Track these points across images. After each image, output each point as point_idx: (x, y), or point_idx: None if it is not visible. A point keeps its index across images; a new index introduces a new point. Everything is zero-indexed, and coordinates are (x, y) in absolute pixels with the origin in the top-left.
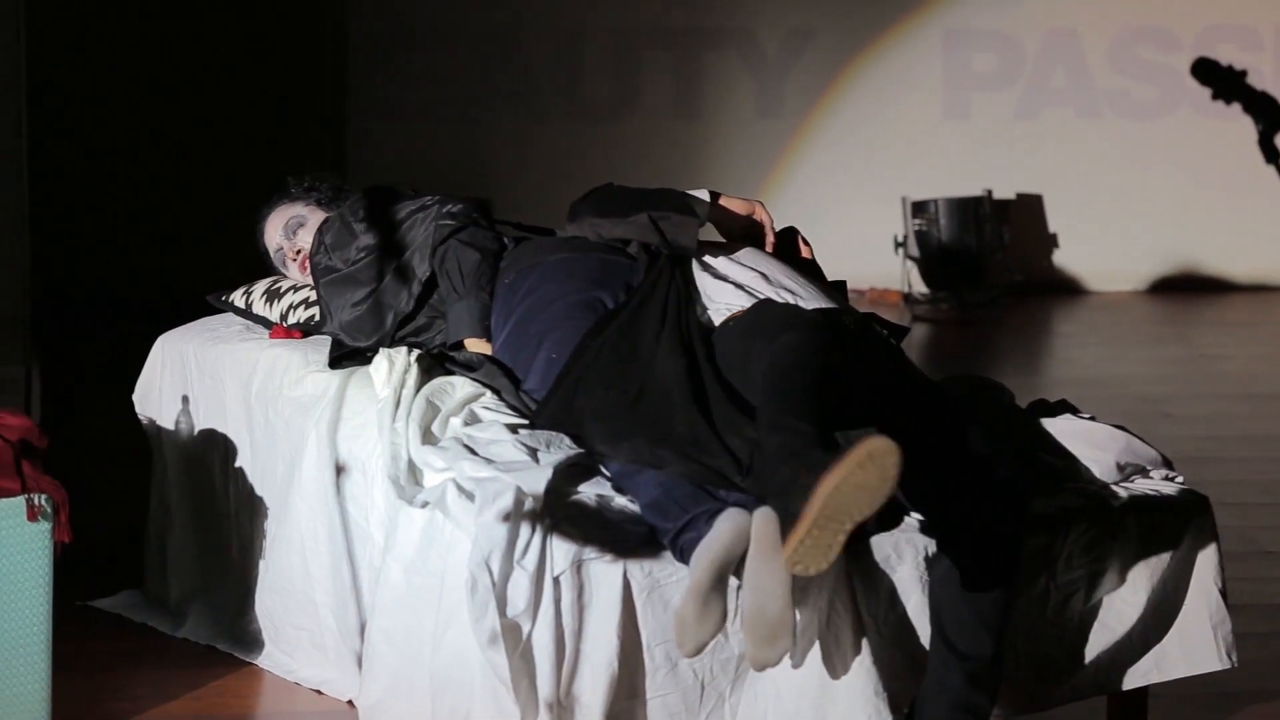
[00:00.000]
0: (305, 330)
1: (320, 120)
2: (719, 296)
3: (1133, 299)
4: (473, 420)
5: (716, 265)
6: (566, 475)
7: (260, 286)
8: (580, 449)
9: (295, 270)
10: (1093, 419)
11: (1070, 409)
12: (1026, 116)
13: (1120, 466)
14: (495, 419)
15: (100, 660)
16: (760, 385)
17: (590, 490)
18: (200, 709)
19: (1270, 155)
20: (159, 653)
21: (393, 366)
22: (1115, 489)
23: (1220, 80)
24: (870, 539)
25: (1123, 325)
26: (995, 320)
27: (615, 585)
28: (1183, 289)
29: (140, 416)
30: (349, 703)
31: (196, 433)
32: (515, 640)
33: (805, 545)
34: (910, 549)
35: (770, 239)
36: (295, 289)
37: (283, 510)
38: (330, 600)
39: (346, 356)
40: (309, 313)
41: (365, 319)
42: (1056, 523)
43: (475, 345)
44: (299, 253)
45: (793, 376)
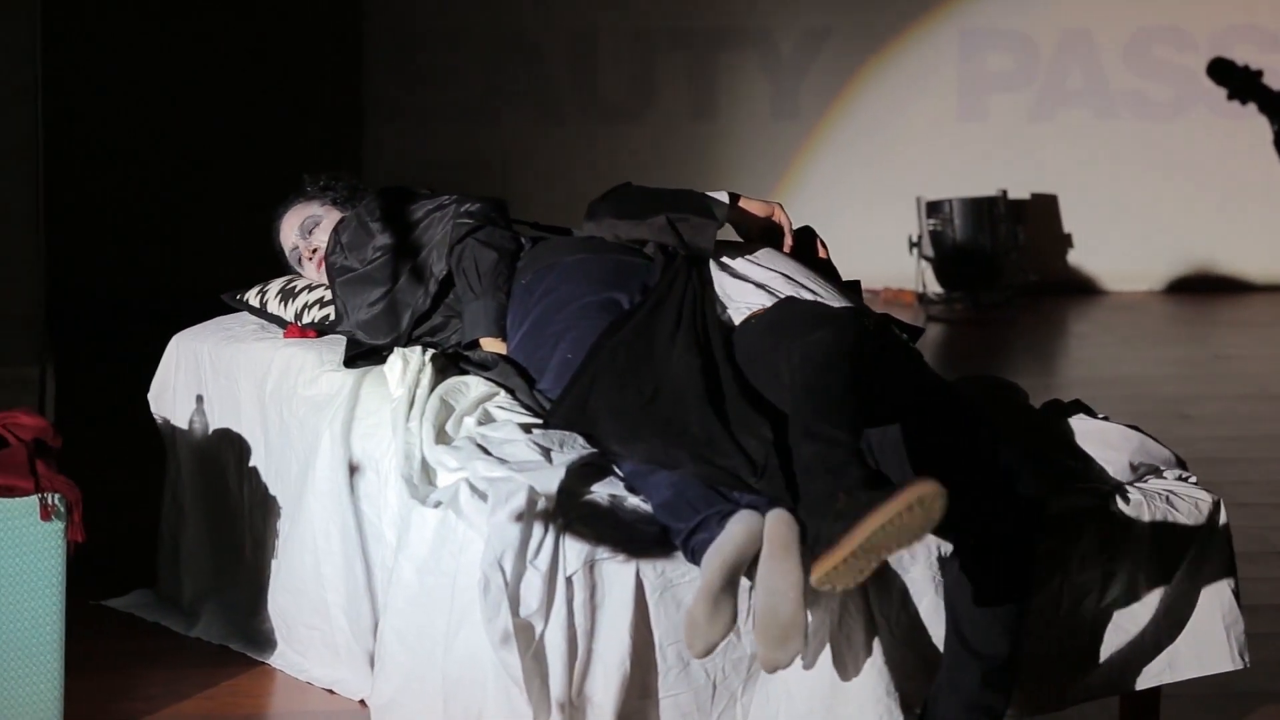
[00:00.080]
0: (320, 330)
1: (335, 121)
2: (739, 296)
3: (1148, 299)
4: (486, 420)
5: (736, 265)
6: (580, 475)
7: (275, 286)
8: (594, 449)
9: (311, 269)
10: (1107, 419)
11: (1084, 409)
12: (1042, 117)
13: (1134, 467)
14: (509, 418)
15: (113, 660)
16: (792, 383)
17: (603, 490)
18: (213, 709)
19: None
20: (172, 652)
21: (407, 366)
22: (1129, 489)
23: (1236, 80)
24: None
25: (1138, 325)
26: (1010, 320)
27: (628, 585)
28: (1198, 289)
29: (154, 416)
30: (361, 702)
31: (210, 432)
32: (528, 640)
33: (838, 571)
34: (923, 549)
35: (789, 241)
36: (310, 288)
37: (296, 509)
38: (343, 600)
39: (362, 356)
40: (324, 312)
41: (381, 318)
42: (1070, 523)
43: (491, 345)
44: (314, 252)
45: (826, 377)
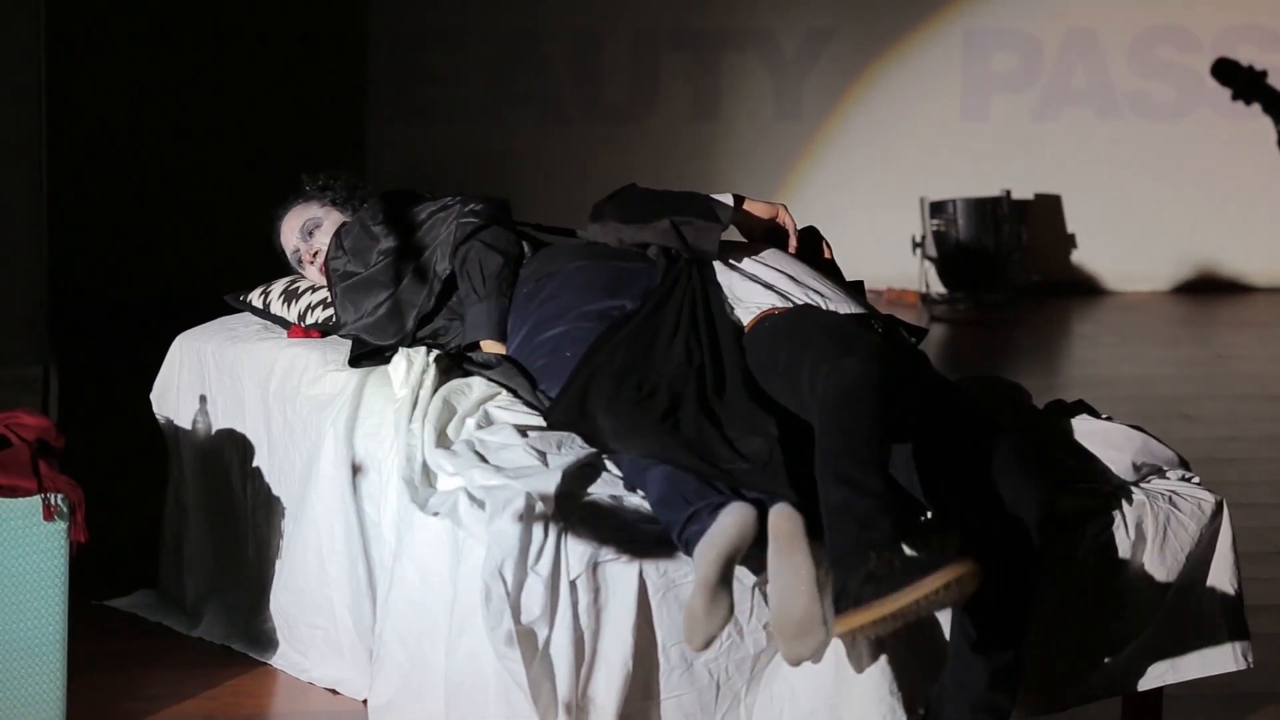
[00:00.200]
0: (323, 330)
1: (338, 121)
2: (748, 296)
3: (1151, 299)
4: (485, 422)
5: (743, 266)
6: (577, 477)
7: (278, 287)
8: (591, 449)
9: (313, 272)
10: (1110, 419)
11: (1087, 409)
12: (1045, 117)
13: (1137, 467)
14: (507, 420)
15: (115, 660)
16: (821, 415)
17: (603, 491)
18: (215, 709)
19: None
20: (174, 652)
21: (411, 366)
22: (1132, 489)
23: (1240, 81)
24: None
25: (1140, 326)
26: (1013, 321)
27: (631, 586)
28: (1201, 290)
29: (158, 416)
30: (364, 702)
31: (214, 432)
32: (532, 647)
33: (863, 629)
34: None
35: (794, 242)
36: (313, 289)
37: (300, 509)
38: (347, 599)
39: (366, 355)
40: (327, 313)
41: (386, 321)
42: (1073, 523)
43: (491, 348)
44: (316, 255)
45: (855, 412)
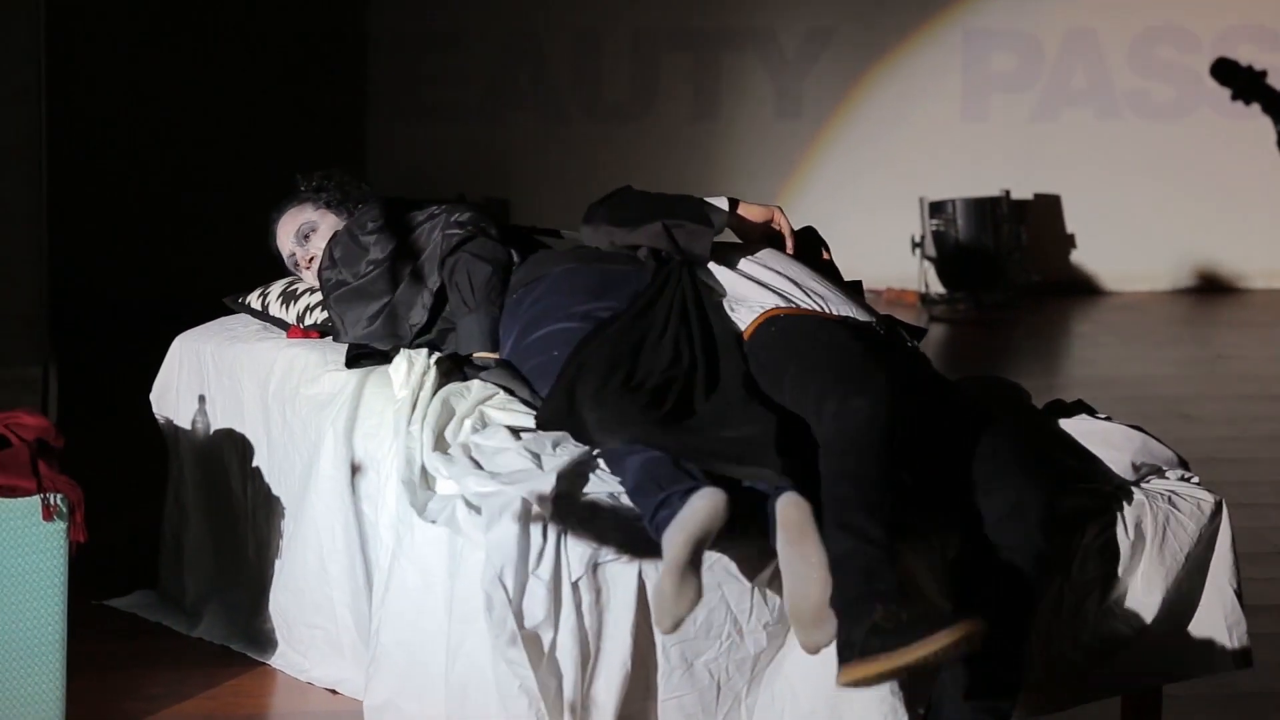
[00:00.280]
0: (322, 330)
1: (337, 121)
2: (749, 296)
3: (1150, 299)
4: (480, 424)
5: (741, 267)
6: (572, 478)
7: (276, 289)
8: (585, 448)
9: (310, 275)
10: (1109, 419)
11: (1087, 409)
12: (1045, 117)
13: (1136, 467)
14: (502, 421)
15: (115, 660)
16: (825, 455)
17: (600, 490)
18: (215, 709)
19: None
20: (174, 653)
21: (411, 368)
22: (1131, 490)
23: (1240, 81)
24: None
25: (1140, 326)
26: (1012, 321)
27: (631, 586)
28: (1200, 290)
29: (157, 416)
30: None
31: (213, 432)
32: (538, 651)
33: (868, 679)
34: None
35: (790, 245)
36: (311, 290)
37: (299, 509)
38: (347, 598)
39: (364, 355)
40: (325, 315)
41: (381, 331)
42: (1072, 523)
43: (485, 360)
44: (312, 260)
45: (861, 459)
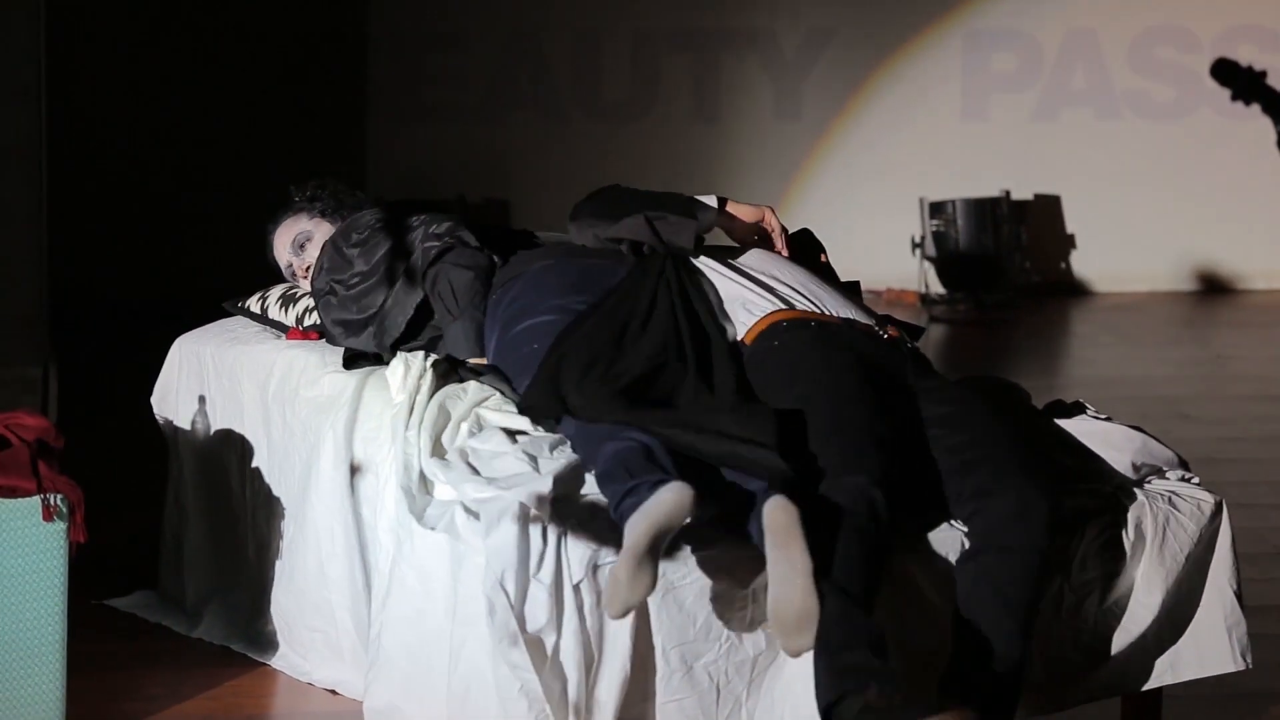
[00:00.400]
0: (322, 333)
1: (338, 121)
2: (748, 298)
3: (1150, 300)
4: (477, 427)
5: (737, 268)
6: (570, 481)
7: (276, 291)
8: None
9: (307, 285)
10: (1109, 419)
11: (1087, 410)
12: (1045, 117)
13: (1136, 467)
14: (498, 423)
15: (115, 660)
16: (819, 523)
17: (598, 491)
18: (215, 709)
19: None
20: (174, 653)
21: (408, 371)
22: (1131, 490)
23: (1240, 81)
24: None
25: (1140, 326)
26: (1012, 321)
27: None
28: (1200, 290)
29: (157, 417)
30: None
31: (213, 433)
32: (541, 655)
33: None
34: (929, 550)
35: (779, 245)
36: (311, 295)
37: (299, 511)
38: (346, 601)
39: (361, 356)
40: None
41: (367, 342)
42: (1072, 524)
43: (476, 366)
44: (309, 268)
45: (850, 544)
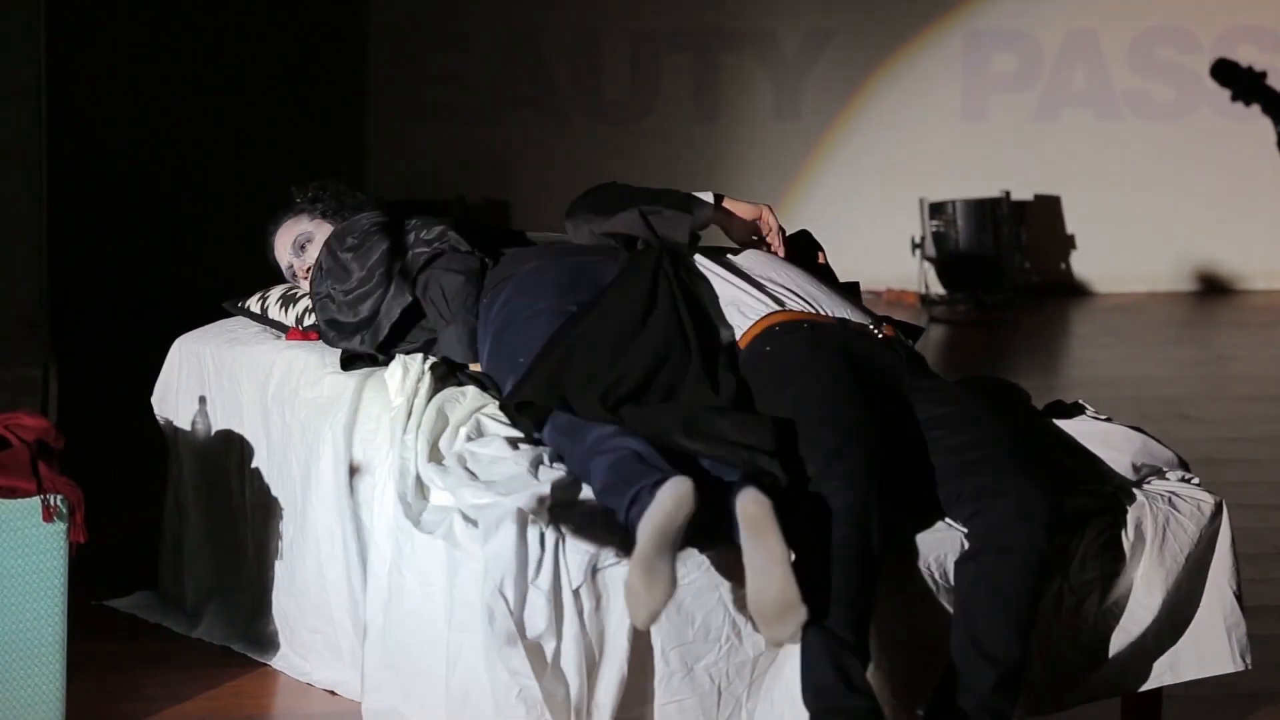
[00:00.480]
0: (320, 334)
1: (338, 122)
2: (744, 300)
3: (1150, 300)
4: (476, 433)
5: (732, 269)
6: (568, 487)
7: (276, 292)
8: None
9: (308, 285)
10: (1109, 420)
11: (1086, 410)
12: (1045, 118)
13: (1136, 468)
14: (498, 430)
15: (115, 661)
16: (804, 543)
17: (593, 497)
18: (215, 709)
19: None
20: (174, 654)
21: (407, 374)
22: (1131, 490)
23: (1240, 82)
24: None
25: (1140, 327)
26: (1012, 321)
27: None
28: (1200, 291)
29: (157, 417)
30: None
31: (213, 434)
32: (542, 661)
33: None
34: (925, 551)
35: (775, 243)
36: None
37: (298, 512)
38: (345, 602)
39: (359, 357)
40: None
41: (361, 346)
42: (1072, 524)
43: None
44: (309, 270)
45: (839, 562)
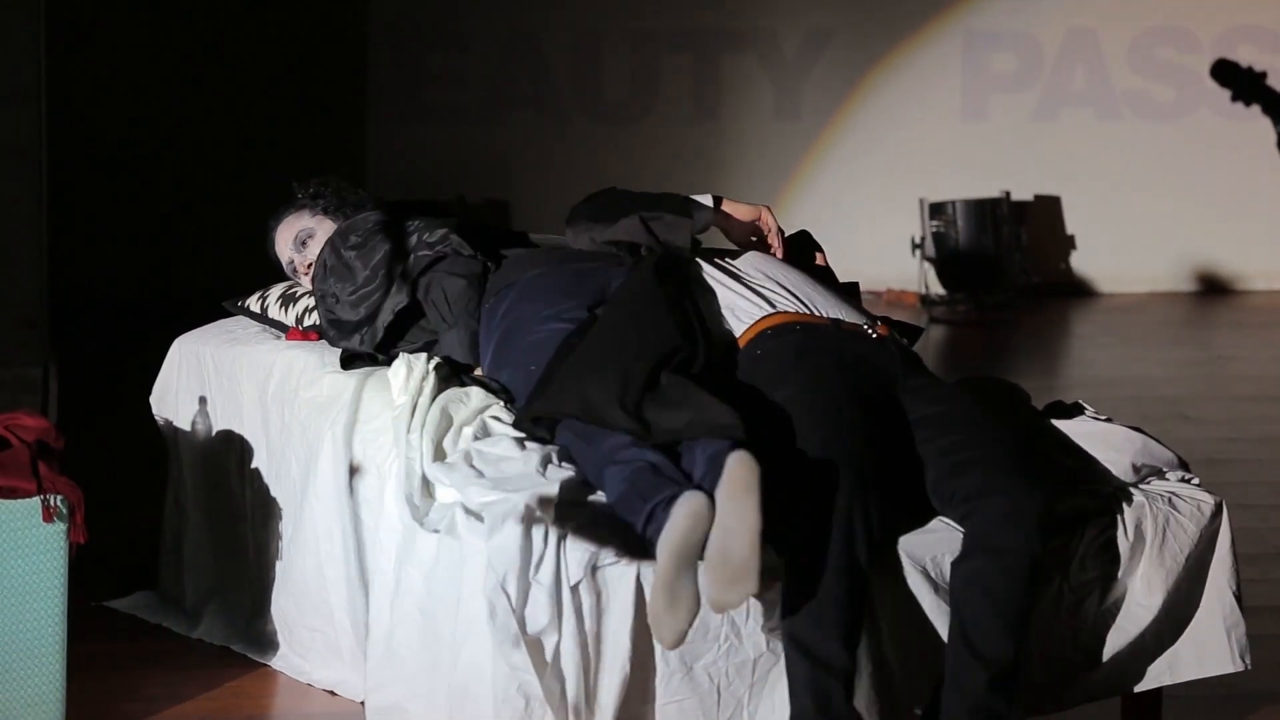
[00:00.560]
0: (321, 333)
1: (338, 122)
2: (739, 304)
3: (1150, 300)
4: (483, 433)
5: (732, 272)
6: (576, 488)
7: (276, 291)
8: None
9: (308, 282)
10: (1109, 420)
11: (1086, 410)
12: (1045, 118)
13: (1136, 468)
14: (505, 431)
15: (115, 661)
16: (791, 558)
17: (600, 497)
18: (214, 709)
19: None
20: (174, 654)
21: (410, 373)
22: (1131, 490)
23: (1240, 82)
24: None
25: (1140, 327)
26: (1012, 322)
27: (629, 588)
28: (1200, 291)
29: (157, 418)
30: (363, 704)
31: (213, 434)
32: (542, 657)
33: None
34: (924, 551)
35: (774, 244)
36: (311, 294)
37: (298, 512)
38: (344, 602)
39: (359, 357)
40: None
41: (360, 345)
42: (1071, 524)
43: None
44: (310, 265)
45: (825, 577)
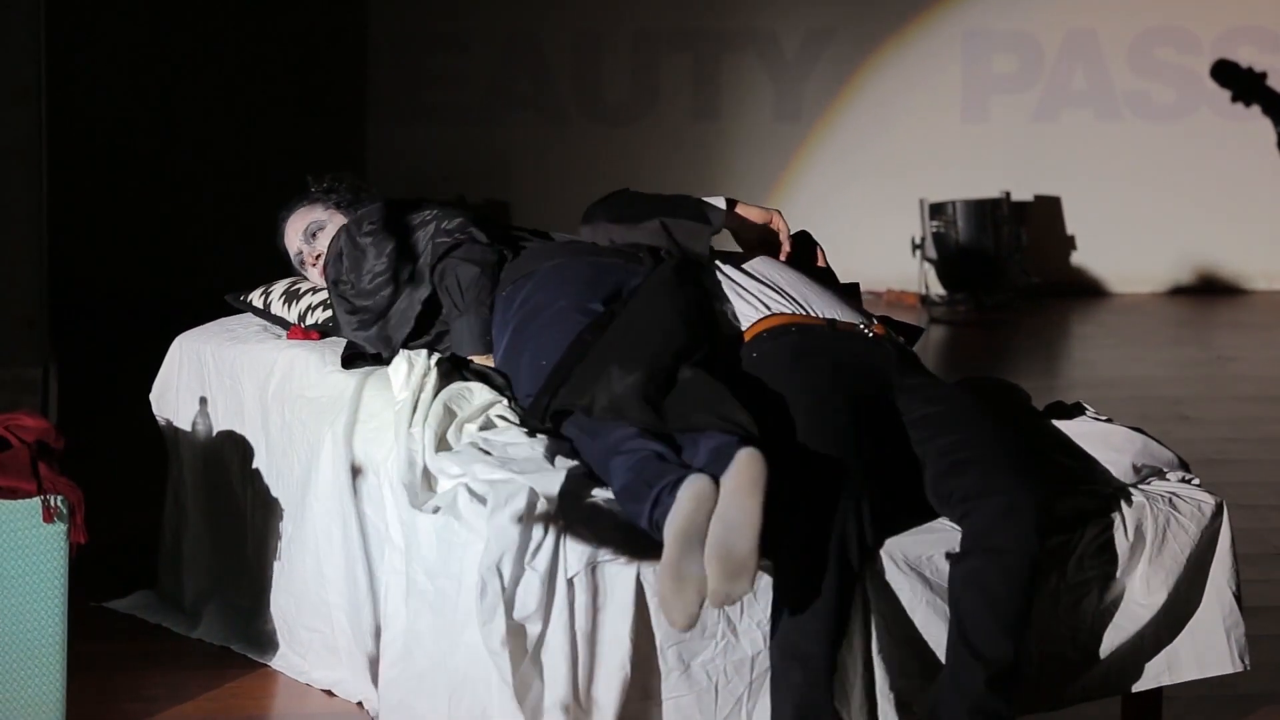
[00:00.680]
0: (323, 331)
1: (338, 122)
2: (738, 308)
3: (1150, 301)
4: (489, 426)
5: (735, 274)
6: (582, 480)
7: (279, 287)
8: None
9: (315, 274)
10: (1109, 421)
11: (1087, 411)
12: (1045, 118)
13: (1136, 468)
14: (513, 425)
15: (115, 661)
16: (785, 557)
17: (605, 493)
18: (214, 710)
19: None
20: (173, 654)
21: (412, 369)
22: (1131, 491)
23: (1240, 82)
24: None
25: (1140, 327)
26: (1012, 322)
27: (629, 587)
28: (1200, 291)
29: (157, 417)
30: (359, 704)
31: (213, 433)
32: (523, 642)
33: None
34: (921, 550)
35: (785, 248)
36: (314, 290)
37: (298, 511)
38: (344, 602)
39: (360, 356)
40: (328, 314)
41: (373, 337)
42: (1071, 524)
43: (479, 361)
44: (318, 258)
45: (819, 582)
